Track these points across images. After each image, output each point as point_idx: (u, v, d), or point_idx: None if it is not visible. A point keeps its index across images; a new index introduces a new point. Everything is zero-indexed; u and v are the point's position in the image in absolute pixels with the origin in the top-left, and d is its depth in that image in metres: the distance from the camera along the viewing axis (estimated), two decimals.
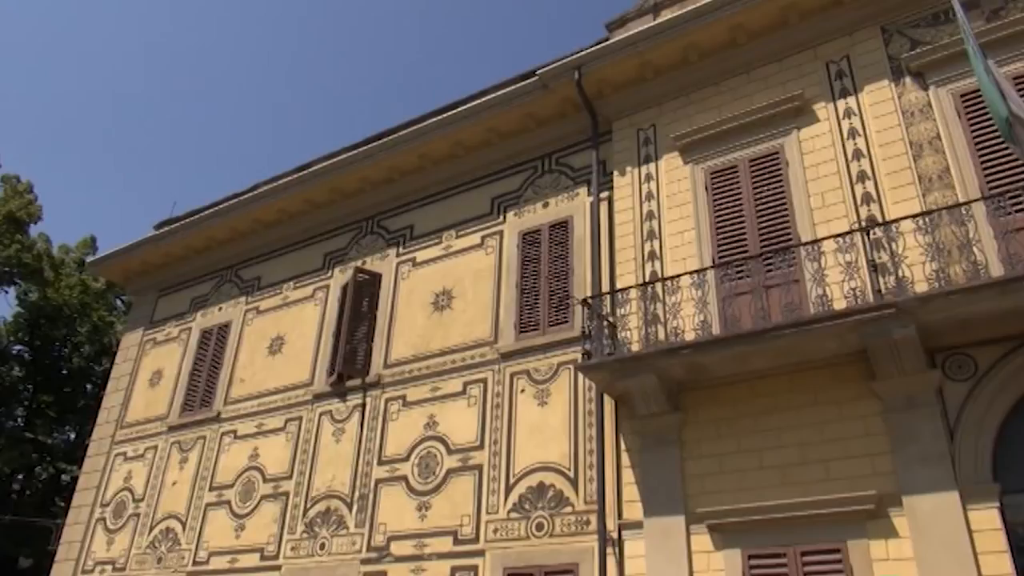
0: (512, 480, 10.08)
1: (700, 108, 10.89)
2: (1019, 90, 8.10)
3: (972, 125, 8.70)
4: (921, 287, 7.81)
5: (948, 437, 7.52)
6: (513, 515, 9.86)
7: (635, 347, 9.25)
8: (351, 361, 12.45)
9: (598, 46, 11.63)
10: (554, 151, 12.21)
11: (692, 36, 10.77)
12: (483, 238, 12.31)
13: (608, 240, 10.84)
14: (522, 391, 10.60)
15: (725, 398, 8.86)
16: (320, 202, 14.43)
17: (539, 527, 9.60)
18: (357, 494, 11.39)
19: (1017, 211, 7.74)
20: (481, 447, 10.56)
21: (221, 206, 15.57)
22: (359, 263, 13.53)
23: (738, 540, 8.14)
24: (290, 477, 12.34)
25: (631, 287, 9.60)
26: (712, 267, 9.42)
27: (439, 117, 12.95)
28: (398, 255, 13.21)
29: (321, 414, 12.56)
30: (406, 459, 11.18)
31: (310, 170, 14.32)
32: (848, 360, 8.17)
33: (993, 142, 8.37)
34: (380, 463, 11.42)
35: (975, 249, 7.87)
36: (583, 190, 11.60)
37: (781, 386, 8.56)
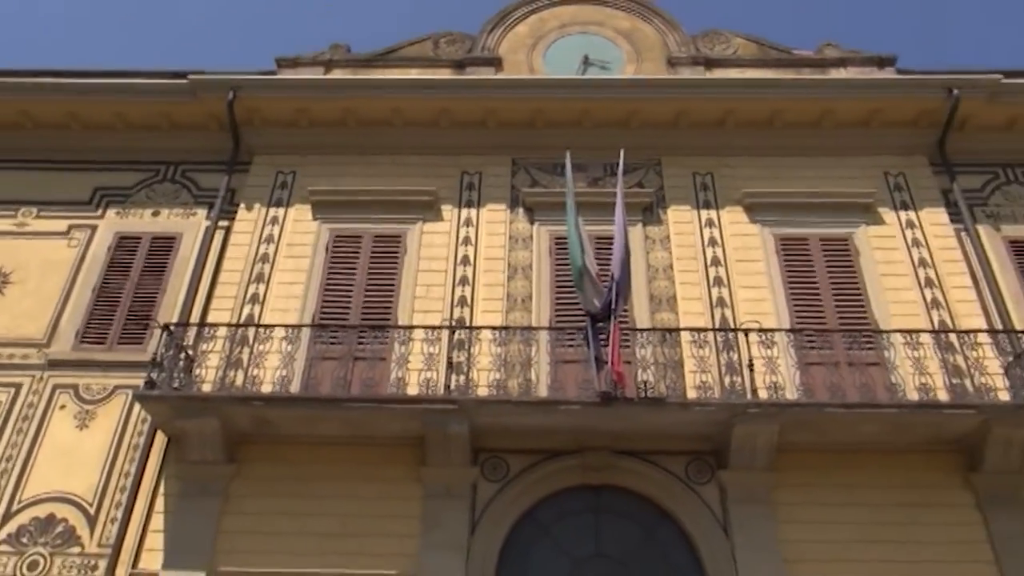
0: (15, 507, 8.59)
1: (344, 172, 11.12)
2: (596, 249, 9.68)
3: (557, 265, 10.16)
4: (483, 392, 8.69)
5: (470, 530, 8.29)
6: (3, 548, 8.37)
7: (207, 387, 8.75)
8: None
9: (262, 76, 11.37)
10: (183, 162, 11.39)
11: (354, 103, 11.09)
12: (71, 227, 10.83)
13: (213, 271, 10.28)
14: (62, 407, 9.26)
15: (286, 457, 8.73)
16: None
17: (33, 566, 8.26)
18: None
19: (569, 346, 9.13)
20: None
21: None
22: None
23: None
24: None
25: (221, 324, 9.16)
26: (310, 326, 9.45)
27: (61, 80, 11.33)
28: None
29: None
30: None
31: None
32: (408, 444, 8.65)
33: (568, 284, 9.82)
34: None
35: (533, 370, 9.03)
36: (202, 212, 10.93)
37: (343, 456, 8.71)
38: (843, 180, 10.82)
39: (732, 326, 9.45)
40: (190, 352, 8.96)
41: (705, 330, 9.05)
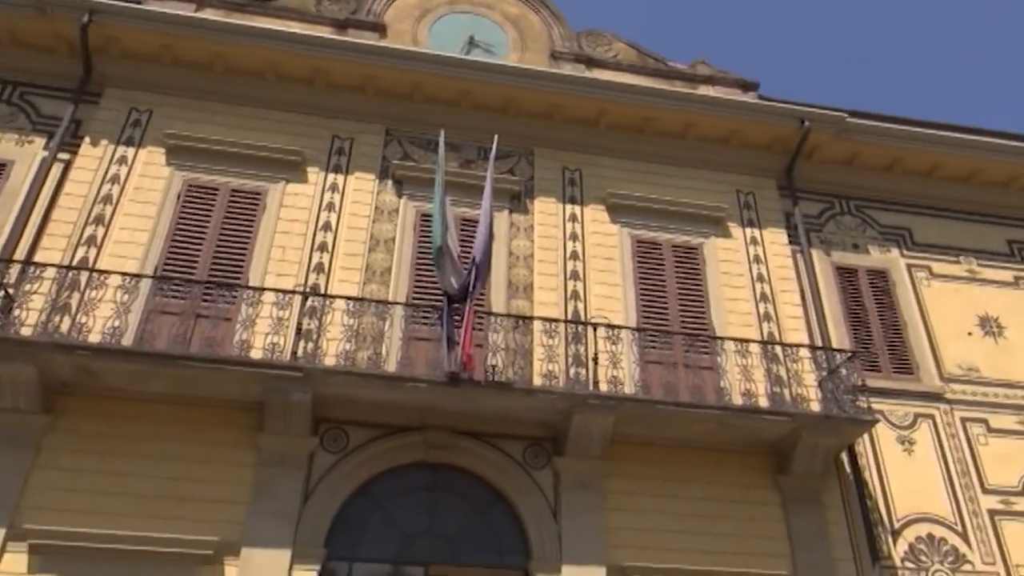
0: None
1: (206, 119, 10.53)
2: (461, 230, 9.70)
3: (420, 242, 10.10)
4: (331, 362, 8.52)
5: (303, 500, 8.14)
6: None
7: (26, 331, 8.05)
8: None
9: (124, 3, 10.53)
10: (22, 83, 10.38)
11: (224, 48, 10.51)
12: None
13: (47, 206, 9.47)
14: None
15: (111, 413, 8.23)
16: None
17: None
18: None
19: (423, 323, 9.11)
20: None
21: None
22: None
23: (59, 566, 7.42)
24: None
25: (50, 264, 8.47)
26: (151, 277, 8.91)
27: None
28: None
29: None
30: None
31: None
32: (245, 408, 8.37)
33: (429, 262, 9.77)
34: None
35: (384, 344, 8.93)
36: (41, 140, 10.03)
37: (174, 416, 8.32)
38: (700, 192, 11.41)
39: (583, 319, 9.77)
40: (10, 291, 8.23)
41: (557, 321, 9.29)
